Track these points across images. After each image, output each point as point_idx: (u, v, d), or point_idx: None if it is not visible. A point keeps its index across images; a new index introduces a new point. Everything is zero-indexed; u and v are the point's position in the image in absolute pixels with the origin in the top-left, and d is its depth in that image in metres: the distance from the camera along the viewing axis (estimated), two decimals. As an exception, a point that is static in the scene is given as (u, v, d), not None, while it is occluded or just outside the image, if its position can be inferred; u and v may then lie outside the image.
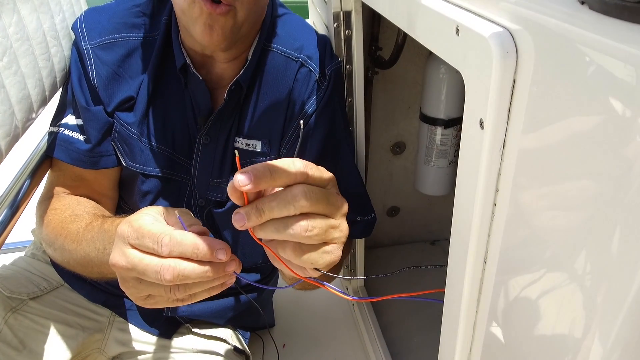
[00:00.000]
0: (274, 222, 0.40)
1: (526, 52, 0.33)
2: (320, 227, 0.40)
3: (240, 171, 0.38)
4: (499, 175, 0.37)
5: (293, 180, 0.39)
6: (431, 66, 0.93)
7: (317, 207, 0.40)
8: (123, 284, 0.47)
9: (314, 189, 0.40)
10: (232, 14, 0.64)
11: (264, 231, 0.40)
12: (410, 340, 1.09)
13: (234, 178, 0.38)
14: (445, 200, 1.23)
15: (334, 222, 0.42)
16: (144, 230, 0.44)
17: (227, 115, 0.74)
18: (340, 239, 0.43)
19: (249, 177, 0.37)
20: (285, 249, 0.41)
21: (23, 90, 0.66)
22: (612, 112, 0.27)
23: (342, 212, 0.43)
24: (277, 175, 0.38)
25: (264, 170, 0.38)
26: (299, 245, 0.41)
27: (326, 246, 0.42)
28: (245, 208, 0.39)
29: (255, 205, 0.39)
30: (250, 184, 0.37)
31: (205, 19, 0.63)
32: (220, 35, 0.64)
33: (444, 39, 0.40)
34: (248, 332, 1.04)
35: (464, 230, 0.41)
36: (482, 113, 0.35)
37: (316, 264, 0.42)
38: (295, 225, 0.39)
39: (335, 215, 0.42)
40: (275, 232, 0.40)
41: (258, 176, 0.37)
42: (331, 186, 0.43)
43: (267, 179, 0.38)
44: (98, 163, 0.76)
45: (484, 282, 0.42)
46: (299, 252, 0.41)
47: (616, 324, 0.29)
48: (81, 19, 0.75)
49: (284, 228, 0.39)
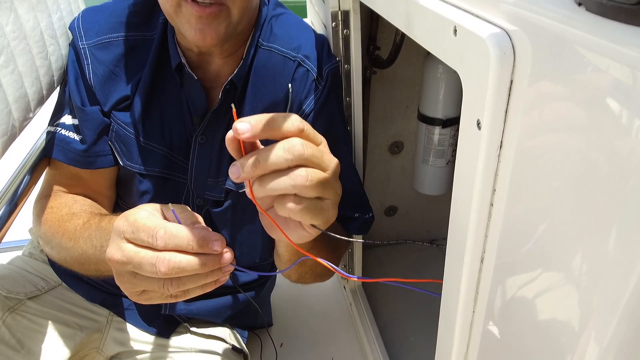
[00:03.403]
0: (273, 174, 0.40)
1: (523, 53, 0.33)
2: (318, 177, 0.40)
3: (238, 120, 0.38)
4: (496, 175, 0.37)
5: (290, 131, 0.40)
6: (429, 66, 0.93)
7: (313, 159, 0.40)
8: (118, 278, 0.47)
9: (309, 142, 0.41)
10: (226, 14, 0.63)
11: (262, 186, 0.40)
12: (407, 339, 1.09)
13: (233, 126, 0.38)
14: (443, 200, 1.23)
15: (329, 177, 0.42)
16: (139, 224, 0.44)
17: (223, 114, 0.74)
18: (334, 197, 0.43)
19: (248, 125, 0.38)
20: (284, 204, 0.41)
21: (20, 89, 0.66)
22: (608, 113, 0.27)
23: (335, 170, 0.43)
24: (274, 125, 0.39)
25: (261, 119, 0.39)
26: (298, 198, 0.41)
27: (322, 202, 0.43)
28: (241, 159, 0.40)
29: (250, 156, 0.39)
30: (249, 132, 0.38)
31: (195, 22, 0.61)
32: (214, 37, 0.63)
33: (442, 39, 0.40)
34: (246, 332, 1.04)
35: (461, 231, 0.41)
36: (479, 114, 0.35)
37: (314, 219, 0.42)
38: (294, 174, 0.39)
39: (329, 171, 0.42)
40: (275, 183, 0.40)
41: (256, 125, 0.38)
42: (323, 146, 0.43)
43: (265, 128, 0.38)
44: (94, 163, 0.75)
45: (481, 282, 0.42)
46: (298, 205, 0.41)
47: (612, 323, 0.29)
48: (78, 19, 0.75)
49: (283, 177, 0.39)
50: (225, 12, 0.63)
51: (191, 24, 0.62)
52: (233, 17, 0.64)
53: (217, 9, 0.61)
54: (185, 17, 0.62)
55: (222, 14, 0.62)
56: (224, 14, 0.62)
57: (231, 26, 0.65)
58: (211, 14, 0.61)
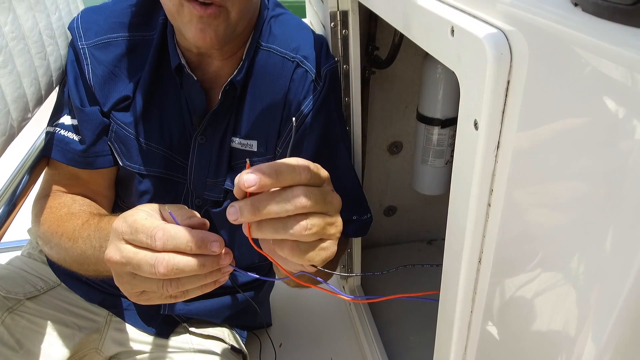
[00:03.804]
0: (273, 221, 0.40)
1: (520, 53, 0.33)
2: (319, 225, 0.40)
3: (247, 171, 0.38)
4: (493, 176, 0.37)
5: (297, 182, 0.40)
6: (428, 66, 0.93)
7: (316, 207, 0.40)
8: (118, 279, 0.47)
9: (313, 189, 0.40)
10: (225, 15, 0.63)
11: (261, 231, 0.40)
12: (406, 339, 1.09)
13: (241, 177, 0.38)
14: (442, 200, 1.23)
15: (330, 219, 0.42)
16: (138, 225, 0.44)
17: (222, 115, 0.74)
18: (335, 235, 0.43)
19: (256, 178, 0.38)
20: (283, 248, 0.41)
21: (18, 89, 0.65)
22: (605, 112, 0.27)
23: (337, 208, 0.43)
24: (282, 178, 0.39)
25: (269, 172, 0.38)
26: (296, 243, 0.41)
27: (322, 242, 0.42)
28: (240, 203, 0.39)
29: (250, 202, 0.39)
30: (256, 185, 0.38)
31: (196, 22, 0.62)
32: (213, 38, 0.64)
33: (439, 39, 0.40)
34: (245, 332, 1.04)
35: (459, 231, 0.41)
36: (476, 114, 0.35)
37: (313, 261, 0.42)
38: (294, 224, 0.39)
39: (331, 212, 0.42)
40: (274, 231, 0.40)
41: (263, 178, 0.38)
42: (327, 184, 0.43)
43: (273, 181, 0.38)
44: (93, 163, 0.75)
45: (479, 282, 0.42)
46: (297, 251, 0.41)
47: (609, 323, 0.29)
48: (78, 19, 0.75)
49: (283, 228, 0.40)
50: (224, 14, 0.63)
51: (192, 24, 0.62)
52: (232, 18, 0.64)
53: (217, 9, 0.62)
54: (187, 17, 0.62)
55: (222, 15, 0.63)
56: (222, 15, 0.63)
57: (230, 27, 0.65)
58: (211, 15, 0.61)
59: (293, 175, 0.39)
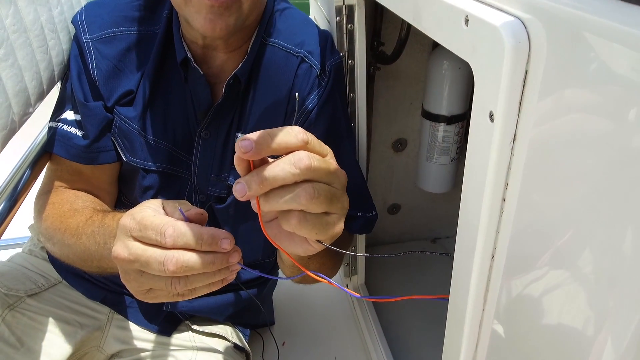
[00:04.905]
0: (280, 190, 0.39)
1: (538, 42, 0.32)
2: (325, 193, 0.40)
3: (241, 137, 0.38)
4: (509, 169, 0.36)
5: (294, 145, 0.39)
6: (434, 62, 0.92)
7: (320, 172, 0.39)
8: (124, 277, 0.46)
9: (315, 155, 0.40)
10: (237, 6, 0.63)
11: (269, 202, 0.39)
12: (411, 337, 1.08)
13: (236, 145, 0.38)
14: (447, 198, 1.23)
15: (336, 192, 0.41)
16: (146, 222, 0.43)
17: (227, 109, 0.73)
18: (341, 211, 0.42)
19: (251, 142, 0.37)
20: (289, 220, 0.40)
21: (20, 83, 0.65)
22: (629, 104, 0.26)
23: (342, 182, 0.42)
24: (277, 139, 0.38)
25: (263, 135, 0.38)
26: (303, 214, 0.40)
27: (329, 217, 0.42)
28: (246, 177, 0.39)
29: (256, 173, 0.38)
30: (252, 149, 0.37)
31: (205, 12, 0.61)
32: (223, 28, 0.63)
33: (452, 29, 0.39)
34: (248, 330, 1.03)
35: (471, 226, 0.40)
36: (492, 105, 0.34)
37: (320, 235, 0.41)
38: (301, 190, 0.38)
39: (337, 184, 0.41)
40: (281, 200, 0.39)
41: (259, 141, 0.37)
42: (330, 157, 0.42)
43: (269, 143, 0.38)
44: (96, 159, 0.75)
45: (491, 279, 0.41)
46: (304, 222, 0.40)
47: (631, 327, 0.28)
48: (81, 13, 0.74)
49: (291, 195, 0.39)
50: (237, 5, 0.63)
51: (201, 14, 0.61)
52: (244, 10, 0.64)
53: (230, 0, 0.61)
54: (195, 6, 0.61)
55: (234, 6, 0.62)
56: (235, 5, 0.62)
57: (241, 19, 0.65)
58: (222, 5, 0.61)
59: (288, 137, 0.39)
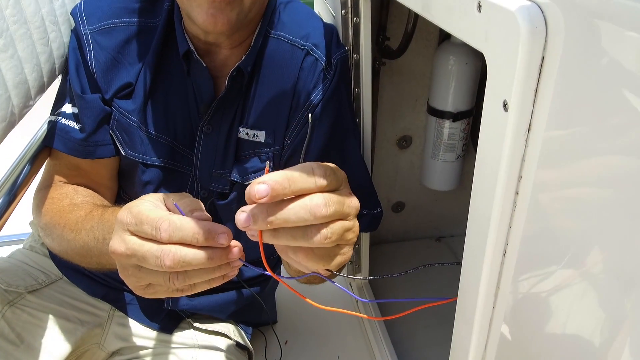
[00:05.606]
0: (290, 230, 0.37)
1: (556, 27, 0.30)
2: (338, 232, 0.38)
3: (258, 180, 0.35)
4: (523, 161, 0.34)
5: (313, 191, 0.37)
6: (440, 57, 0.90)
7: (335, 215, 0.38)
8: (122, 272, 0.45)
9: (332, 196, 0.38)
10: (239, 1, 0.62)
11: (277, 238, 0.38)
12: (416, 336, 1.07)
13: (252, 187, 0.35)
14: (452, 196, 1.22)
15: (349, 225, 0.40)
16: (142, 216, 0.42)
17: (230, 103, 0.72)
18: (353, 240, 0.41)
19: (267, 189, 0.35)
20: (297, 254, 0.39)
21: (20, 75, 0.64)
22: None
23: (355, 212, 0.41)
24: (295, 188, 0.36)
25: (282, 181, 0.36)
26: (312, 249, 0.39)
27: (340, 248, 0.40)
28: (254, 208, 0.37)
29: (265, 209, 0.36)
30: (267, 196, 0.35)
31: (207, 7, 0.61)
32: (225, 24, 0.62)
33: (464, 17, 0.37)
34: (250, 328, 1.02)
35: (483, 221, 0.39)
36: (506, 94, 0.33)
37: (328, 265, 0.40)
38: (315, 234, 0.37)
39: (350, 217, 0.40)
40: (292, 239, 0.37)
41: (276, 188, 0.35)
42: (344, 186, 0.41)
43: (286, 191, 0.36)
44: (94, 153, 0.74)
45: (503, 276, 0.40)
46: (312, 256, 0.39)
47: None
48: (81, 5, 0.73)
49: (302, 236, 0.37)
50: (238, 0, 0.62)
51: (202, 8, 0.61)
52: (245, 5, 0.64)
53: None
54: (197, 1, 0.61)
55: (235, 1, 0.62)
56: (236, 1, 0.62)
57: (242, 14, 0.64)
58: (224, 0, 0.60)
59: (309, 185, 0.37)
